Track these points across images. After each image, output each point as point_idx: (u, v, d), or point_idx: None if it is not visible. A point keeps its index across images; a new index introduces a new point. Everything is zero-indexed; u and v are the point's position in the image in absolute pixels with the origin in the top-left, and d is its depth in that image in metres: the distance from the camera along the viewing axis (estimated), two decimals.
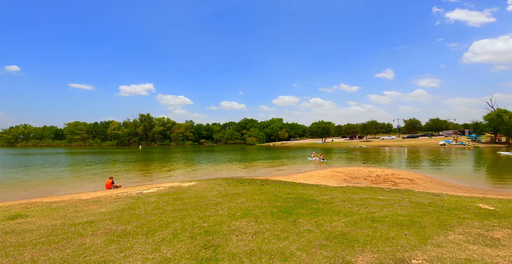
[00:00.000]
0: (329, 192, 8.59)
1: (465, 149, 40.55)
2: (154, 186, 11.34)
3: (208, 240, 4.32)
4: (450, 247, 3.68)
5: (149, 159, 33.24)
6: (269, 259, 3.57)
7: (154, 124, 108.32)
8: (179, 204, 7.11)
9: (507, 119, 42.84)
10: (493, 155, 29.64)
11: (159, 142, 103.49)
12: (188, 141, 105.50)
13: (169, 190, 9.67)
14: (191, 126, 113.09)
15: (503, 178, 14.75)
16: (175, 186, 10.91)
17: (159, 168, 22.72)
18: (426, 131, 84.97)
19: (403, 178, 13.81)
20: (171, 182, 12.85)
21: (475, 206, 6.34)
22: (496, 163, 22.01)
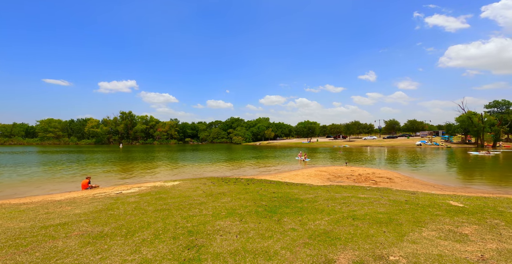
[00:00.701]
0: (313, 191, 8.74)
1: (438, 149, 43.14)
2: (135, 186, 10.92)
3: (191, 240, 4.24)
4: (424, 244, 3.87)
5: (131, 158, 32.03)
6: (253, 259, 3.57)
7: (137, 122, 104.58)
8: (161, 204, 6.89)
9: (476, 121, 46.13)
10: (464, 154, 31.79)
11: (141, 141, 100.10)
12: (173, 140, 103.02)
13: (151, 190, 9.36)
14: (176, 124, 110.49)
15: (471, 177, 15.85)
16: (158, 185, 10.58)
17: (141, 168, 21.95)
18: (404, 132, 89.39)
19: (382, 177, 14.40)
20: (153, 182, 12.45)
21: (447, 203, 6.70)
22: (466, 163, 23.63)
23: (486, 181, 14.06)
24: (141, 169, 21.15)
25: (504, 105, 52.93)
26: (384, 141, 66.04)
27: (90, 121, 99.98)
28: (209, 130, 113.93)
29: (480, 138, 46.33)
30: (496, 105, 54.19)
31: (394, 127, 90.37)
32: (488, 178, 15.12)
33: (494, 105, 54.41)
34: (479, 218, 5.23)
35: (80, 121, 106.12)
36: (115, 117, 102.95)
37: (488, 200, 7.33)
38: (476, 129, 46.30)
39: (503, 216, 5.36)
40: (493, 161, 24.19)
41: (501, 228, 4.52)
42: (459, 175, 16.99)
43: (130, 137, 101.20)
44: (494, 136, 45.31)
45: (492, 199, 7.43)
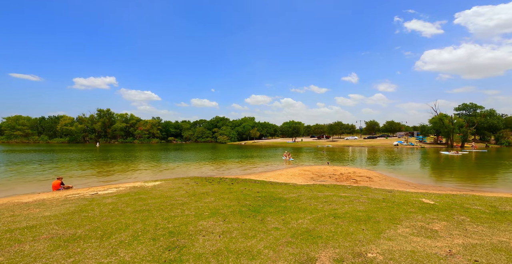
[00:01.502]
0: (297, 190, 8.88)
1: (413, 149, 45.75)
2: (112, 187, 10.42)
3: (172, 241, 4.15)
4: (399, 240, 4.06)
5: (109, 158, 30.58)
6: (236, 258, 3.56)
7: (115, 120, 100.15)
8: (141, 205, 6.64)
9: (447, 123, 49.51)
10: (436, 154, 33.98)
11: (120, 140, 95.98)
12: (155, 139, 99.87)
13: (130, 191, 8.98)
14: (158, 123, 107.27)
15: (442, 175, 16.99)
16: (138, 186, 10.18)
17: (120, 167, 21.02)
18: (383, 133, 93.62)
19: (362, 176, 14.98)
20: (133, 182, 11.97)
21: (419, 201, 7.07)
22: (438, 162, 25.28)
23: (455, 179, 15.13)
24: (120, 169, 20.25)
25: (472, 108, 57.17)
26: (364, 141, 68.79)
27: (63, 118, 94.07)
28: (193, 129, 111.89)
29: (450, 138, 49.79)
30: (464, 108, 58.36)
31: (374, 128, 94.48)
32: (456, 176, 16.27)
33: (463, 108, 58.57)
34: (447, 214, 5.56)
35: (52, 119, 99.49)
36: (91, 114, 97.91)
37: (455, 197, 7.82)
38: (446, 130, 49.68)
39: (468, 212, 5.76)
40: (461, 160, 26.09)
41: (467, 224, 4.85)
42: (431, 173, 18.13)
43: (108, 136, 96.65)
44: (462, 137, 48.91)
45: (459, 197, 7.97)
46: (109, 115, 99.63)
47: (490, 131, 53.52)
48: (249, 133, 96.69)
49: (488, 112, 54.80)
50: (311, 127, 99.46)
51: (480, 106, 56.43)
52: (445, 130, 49.90)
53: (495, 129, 52.54)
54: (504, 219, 5.17)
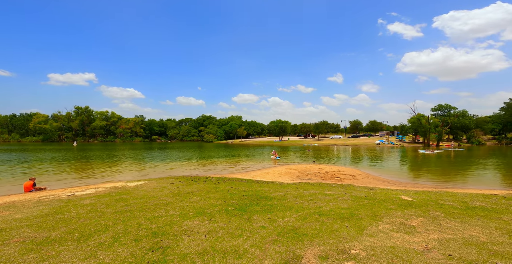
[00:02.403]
0: (283, 189, 8.96)
1: (394, 148, 47.86)
2: (91, 187, 9.95)
3: (156, 242, 4.06)
4: (380, 236, 4.21)
5: (87, 157, 29.18)
6: (222, 258, 3.54)
7: (95, 118, 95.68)
8: (122, 206, 6.40)
9: (424, 123, 52.26)
10: (414, 153, 35.76)
11: (100, 139, 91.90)
12: (138, 138, 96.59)
13: (110, 191, 8.61)
14: (142, 121, 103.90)
15: (419, 173, 17.92)
16: (119, 186, 9.79)
17: (99, 167, 20.12)
18: (366, 132, 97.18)
19: (346, 174, 15.42)
20: (113, 182, 11.50)
21: (399, 198, 7.37)
22: (415, 160, 26.62)
23: (431, 177, 16.01)
24: (100, 169, 19.38)
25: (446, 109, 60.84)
26: (348, 140, 70.95)
27: (36, 116, 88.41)
28: (178, 128, 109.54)
29: (427, 138, 52.60)
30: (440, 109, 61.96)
31: (358, 127, 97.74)
32: (432, 174, 17.23)
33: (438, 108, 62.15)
34: (424, 210, 5.84)
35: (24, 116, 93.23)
36: (68, 112, 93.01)
37: (431, 194, 8.25)
38: (423, 129, 52.44)
39: (443, 208, 6.09)
40: (436, 158, 27.66)
41: (441, 220, 5.13)
42: (410, 171, 19.06)
43: (87, 135, 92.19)
44: (438, 136, 51.87)
45: (435, 193, 8.42)
46: (88, 113, 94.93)
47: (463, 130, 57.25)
48: (236, 132, 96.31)
49: (461, 113, 58.54)
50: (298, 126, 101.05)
51: (454, 107, 60.22)
52: (423, 129, 52.67)
53: (467, 129, 56.27)
54: (474, 214, 5.53)
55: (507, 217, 5.24)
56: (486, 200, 6.95)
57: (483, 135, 57.04)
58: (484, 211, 5.80)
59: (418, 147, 47.56)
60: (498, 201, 6.89)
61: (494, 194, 8.15)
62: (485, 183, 13.16)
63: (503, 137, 56.05)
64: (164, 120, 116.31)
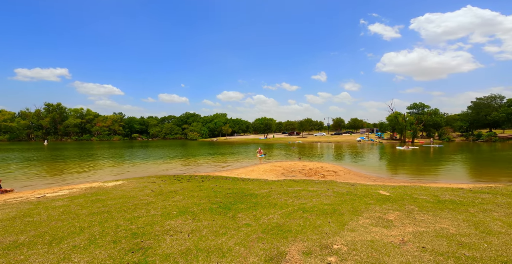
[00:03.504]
0: (268, 186, 9.01)
1: (373, 145, 50.05)
2: (64, 188, 9.35)
3: (136, 243, 3.94)
4: (360, 231, 4.37)
5: (60, 157, 27.46)
6: (206, 257, 3.50)
7: (68, 115, 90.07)
8: (99, 207, 6.09)
9: (401, 120, 55.08)
10: (392, 149, 37.63)
11: (74, 137, 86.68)
12: (117, 136, 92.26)
13: (85, 192, 8.15)
14: (121, 119, 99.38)
15: (396, 168, 18.91)
16: (95, 186, 9.30)
17: (74, 167, 19.00)
18: (348, 129, 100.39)
19: (329, 171, 15.86)
20: (89, 183, 10.91)
21: (377, 193, 7.67)
22: (393, 156, 28.03)
23: (406, 172, 16.95)
24: (74, 169, 18.29)
25: (420, 107, 64.65)
26: (331, 137, 72.98)
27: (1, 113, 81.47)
28: (161, 126, 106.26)
29: (403, 135, 55.55)
30: (415, 107, 65.71)
31: (340, 125, 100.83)
32: (407, 169, 18.26)
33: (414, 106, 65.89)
34: (400, 205, 6.13)
35: None
36: (37, 109, 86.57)
37: (407, 188, 8.68)
38: (400, 127, 55.29)
39: (417, 202, 6.43)
40: (411, 154, 29.33)
41: (415, 213, 5.41)
42: (388, 167, 20.04)
43: (59, 133, 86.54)
44: (413, 133, 54.98)
45: (410, 188, 8.88)
46: (60, 110, 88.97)
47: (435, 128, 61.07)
48: (221, 129, 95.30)
49: (433, 111, 62.43)
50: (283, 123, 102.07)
51: (427, 106, 64.13)
52: (399, 127, 55.52)
53: (438, 126, 60.17)
54: (444, 207, 5.90)
55: (473, 209, 5.66)
56: (454, 194, 7.45)
57: (452, 132, 61.39)
58: (453, 204, 6.20)
59: (396, 143, 50.12)
60: (465, 194, 7.42)
61: (462, 188, 8.77)
62: (454, 177, 14.17)
63: (470, 134, 60.66)
64: (145, 118, 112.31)
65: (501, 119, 57.47)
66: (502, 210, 5.57)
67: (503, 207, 5.82)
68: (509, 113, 56.15)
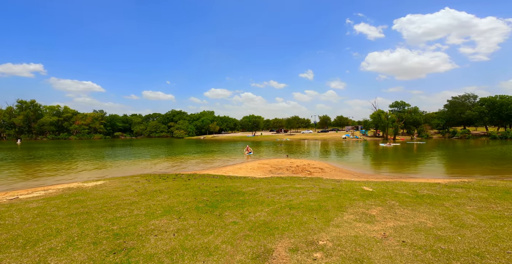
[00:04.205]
0: (255, 184, 9.02)
1: (358, 142, 51.63)
2: (39, 189, 8.83)
3: (118, 243, 3.82)
4: (345, 227, 4.47)
5: (35, 156, 25.91)
6: (192, 256, 3.45)
7: (43, 113, 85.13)
8: (78, 208, 5.82)
9: (383, 118, 57.23)
10: (375, 146, 39.01)
11: (51, 136, 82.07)
12: (98, 135, 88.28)
13: (63, 193, 7.74)
14: (102, 116, 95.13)
15: (379, 164, 19.63)
16: (74, 187, 8.86)
17: (50, 167, 18.00)
18: (334, 127, 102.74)
19: (316, 168, 16.16)
20: (67, 183, 10.38)
21: (361, 188, 7.90)
22: (376, 153, 29.08)
23: (388, 168, 17.66)
24: (51, 169, 17.32)
25: (402, 105, 67.61)
26: (318, 134, 74.43)
27: None
28: (145, 124, 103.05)
29: (385, 132, 57.76)
30: (396, 105, 68.56)
31: (326, 122, 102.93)
32: (389, 165, 19.02)
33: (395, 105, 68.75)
34: (382, 200, 6.34)
35: None
36: (9, 106, 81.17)
37: (388, 184, 8.99)
38: (383, 124, 57.48)
39: (397, 197, 6.67)
40: (393, 151, 30.58)
41: (396, 208, 5.62)
42: (371, 163, 20.77)
43: (34, 132, 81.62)
44: (394, 131, 57.31)
45: (391, 183, 9.23)
46: (35, 108, 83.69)
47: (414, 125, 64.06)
48: (208, 127, 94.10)
49: (413, 109, 65.45)
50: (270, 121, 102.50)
51: (407, 104, 67.14)
52: (382, 124, 57.71)
53: (418, 124, 63.17)
54: (422, 202, 6.17)
55: (448, 203, 5.97)
56: (432, 188, 7.84)
57: (430, 130, 64.60)
58: (430, 198, 6.51)
59: (379, 140, 52.03)
60: (441, 189, 7.83)
61: (438, 183, 9.26)
62: (432, 173, 14.94)
63: (446, 131, 64.20)
64: (128, 116, 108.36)
65: (474, 117, 61.36)
66: (474, 203, 5.93)
67: (475, 200, 6.20)
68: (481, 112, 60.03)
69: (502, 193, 7.01)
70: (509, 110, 55.77)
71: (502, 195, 6.70)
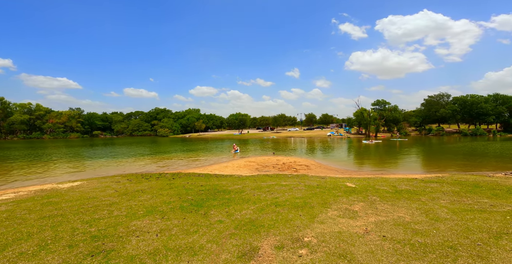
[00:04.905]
0: (241, 182, 8.98)
1: (342, 139, 53.16)
2: (9, 192, 8.22)
3: (96, 246, 3.67)
4: (329, 223, 4.55)
5: (4, 157, 24.14)
6: (176, 256, 3.38)
7: (13, 111, 79.49)
8: (51, 210, 5.49)
9: (366, 116, 59.30)
10: (358, 143, 40.37)
11: (22, 135, 76.83)
12: (75, 133, 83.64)
13: (35, 195, 7.25)
14: (79, 114, 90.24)
15: (362, 161, 20.34)
16: (47, 188, 8.33)
17: (21, 168, 16.82)
18: (319, 124, 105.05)
19: (302, 165, 16.41)
20: (40, 185, 9.75)
21: (344, 185, 8.10)
22: (359, 150, 30.10)
23: (370, 164, 18.34)
24: (22, 170, 16.17)
25: (383, 104, 70.70)
26: (304, 132, 75.63)
27: None
28: (127, 122, 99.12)
29: (368, 129, 59.94)
30: (378, 104, 71.58)
31: (312, 120, 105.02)
32: (371, 161, 19.76)
33: (377, 103, 71.74)
34: (364, 196, 6.53)
35: None
36: None
37: (370, 180, 9.30)
38: (365, 122, 59.57)
39: (378, 193, 6.90)
40: (375, 148, 31.82)
41: (377, 203, 5.81)
42: (354, 160, 21.45)
43: (3, 131, 76.07)
44: (376, 128, 59.65)
45: (373, 179, 9.56)
46: (3, 105, 77.75)
47: (394, 123, 67.15)
48: (194, 125, 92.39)
49: (393, 107, 68.57)
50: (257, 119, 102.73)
51: (388, 102, 70.34)
52: (364, 122, 59.80)
53: (397, 122, 66.29)
54: (401, 197, 6.42)
55: (424, 198, 6.27)
56: (409, 184, 8.22)
57: (408, 127, 68.02)
58: (408, 193, 6.79)
59: (362, 138, 53.89)
60: (418, 184, 8.23)
61: (415, 178, 9.74)
62: (410, 168, 15.72)
63: (423, 129, 67.89)
64: (108, 114, 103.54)
65: (448, 115, 65.46)
66: (448, 197, 6.29)
67: (448, 195, 6.58)
68: (454, 110, 64.13)
69: (472, 187, 7.51)
70: (479, 108, 60.06)
71: (472, 189, 7.18)
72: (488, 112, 59.08)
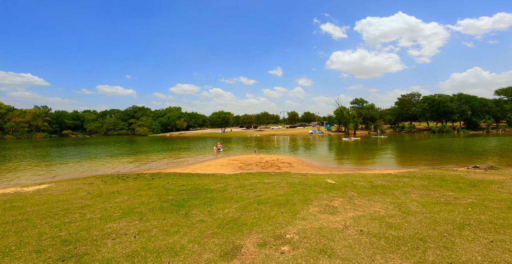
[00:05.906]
0: (224, 180, 8.89)
1: (323, 137, 54.77)
2: None
3: (67, 250, 3.47)
4: (310, 219, 4.65)
5: None
6: (156, 257, 3.28)
7: None
8: (14, 215, 5.05)
9: (345, 114, 61.64)
10: (338, 140, 41.82)
11: None
12: (41, 133, 77.17)
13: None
14: (46, 113, 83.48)
15: (341, 158, 21.12)
16: (10, 192, 7.63)
17: None
18: (301, 122, 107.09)
19: (284, 162, 16.65)
20: (2, 189, 8.90)
21: (325, 181, 8.32)
22: (339, 147, 31.22)
23: (349, 160, 19.11)
24: None
25: (361, 102, 73.96)
26: (287, 130, 76.76)
27: None
28: (101, 121, 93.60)
29: (347, 127, 62.37)
30: (356, 102, 74.75)
31: (295, 118, 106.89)
32: (350, 158, 20.60)
33: (355, 102, 74.95)
34: (343, 192, 6.74)
35: None
36: None
37: (349, 176, 9.65)
38: (345, 120, 61.97)
39: (356, 188, 7.17)
40: (353, 145, 33.20)
41: (355, 199, 6.03)
42: (335, 157, 22.23)
43: None
44: (355, 126, 62.27)
45: (351, 175, 9.93)
46: None
47: (371, 121, 70.56)
48: (175, 124, 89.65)
49: (370, 106, 71.90)
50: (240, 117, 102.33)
51: (365, 101, 73.58)
52: (344, 120, 62.20)
53: (374, 119, 69.74)
54: (377, 192, 6.72)
55: (397, 192, 6.63)
56: (384, 179, 8.66)
57: (384, 125, 71.83)
58: (383, 188, 7.14)
59: (342, 135, 55.96)
60: (392, 179, 8.71)
61: (390, 173, 10.32)
62: (385, 164, 16.63)
63: (397, 126, 72.08)
64: (80, 112, 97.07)
65: (418, 113, 70.15)
66: (418, 191, 6.72)
67: (418, 189, 7.04)
68: (424, 109, 68.85)
69: (439, 181, 8.11)
70: (445, 107, 65.04)
71: (439, 183, 7.75)
72: (453, 110, 64.20)
